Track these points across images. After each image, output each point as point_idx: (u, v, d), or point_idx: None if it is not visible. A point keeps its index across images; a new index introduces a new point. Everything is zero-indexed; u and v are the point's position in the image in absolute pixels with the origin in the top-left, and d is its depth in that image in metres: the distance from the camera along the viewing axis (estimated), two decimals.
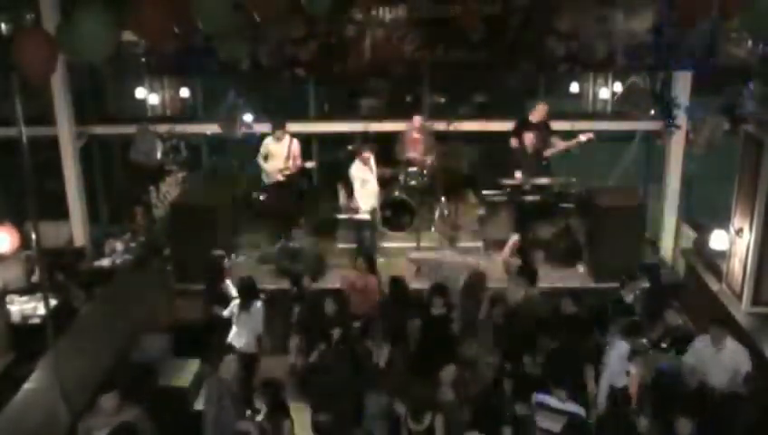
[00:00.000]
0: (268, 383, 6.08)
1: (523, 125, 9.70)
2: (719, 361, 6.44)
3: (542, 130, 9.79)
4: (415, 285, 8.45)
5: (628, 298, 7.44)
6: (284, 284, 8.42)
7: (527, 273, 7.70)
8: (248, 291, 7.39)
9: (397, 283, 7.56)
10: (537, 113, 9.74)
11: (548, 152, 9.78)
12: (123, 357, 7.20)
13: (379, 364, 6.62)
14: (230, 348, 6.78)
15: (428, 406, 5.77)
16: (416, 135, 9.83)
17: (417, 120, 9.88)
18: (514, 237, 8.22)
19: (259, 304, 7.33)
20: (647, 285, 8.67)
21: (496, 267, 8.87)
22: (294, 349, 7.51)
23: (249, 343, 7.21)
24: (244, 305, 7.27)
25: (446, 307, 7.24)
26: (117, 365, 6.96)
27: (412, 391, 5.96)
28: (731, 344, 6.46)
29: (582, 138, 9.58)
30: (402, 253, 9.43)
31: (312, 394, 6.65)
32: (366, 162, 9.20)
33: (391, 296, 7.49)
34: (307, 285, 8.07)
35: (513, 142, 9.42)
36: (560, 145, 9.79)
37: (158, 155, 9.42)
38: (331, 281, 8.92)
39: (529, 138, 9.44)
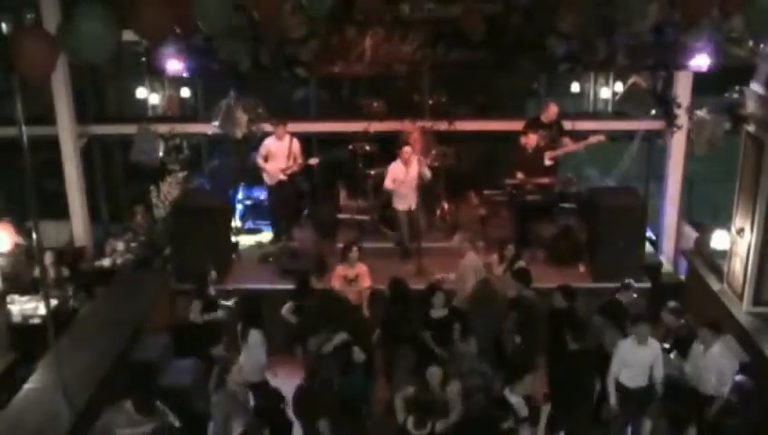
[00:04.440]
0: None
1: (533, 124, 9.72)
2: (705, 364, 6.39)
3: (553, 130, 9.81)
4: (415, 285, 8.46)
5: (625, 299, 7.42)
6: (285, 284, 8.40)
7: (522, 274, 7.67)
8: (248, 319, 6.97)
9: (397, 284, 7.55)
10: (548, 113, 9.75)
11: (556, 153, 9.78)
12: (123, 357, 7.19)
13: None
14: (235, 357, 6.61)
15: (431, 413, 5.77)
16: (415, 135, 9.82)
17: (416, 120, 9.88)
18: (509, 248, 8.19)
19: (257, 334, 6.85)
20: (647, 285, 8.68)
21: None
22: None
23: (253, 373, 6.67)
24: (243, 335, 6.84)
25: (446, 308, 7.22)
26: (117, 365, 6.96)
27: (415, 397, 5.95)
28: (717, 348, 6.37)
29: (593, 139, 9.59)
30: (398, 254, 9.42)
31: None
32: (407, 162, 8.99)
33: (392, 298, 7.47)
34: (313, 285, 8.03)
35: (524, 140, 9.44)
36: (569, 146, 9.79)
37: (160, 154, 9.42)
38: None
39: (531, 137, 9.45)
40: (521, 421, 5.80)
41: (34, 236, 6.34)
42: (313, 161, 10.04)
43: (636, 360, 6.44)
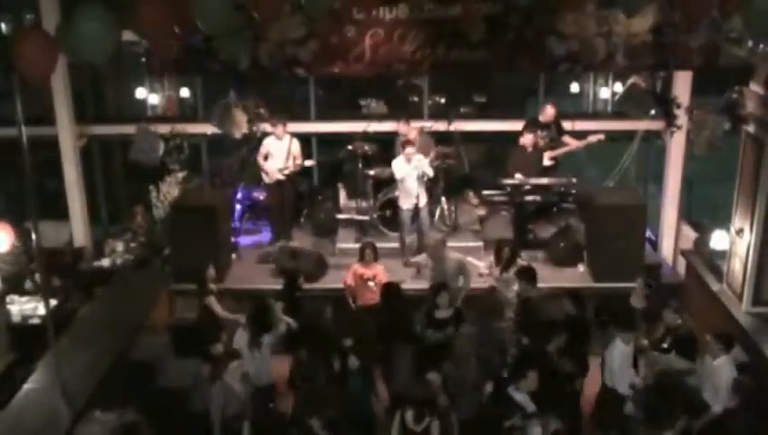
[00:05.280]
0: None
1: (532, 125, 9.73)
2: (706, 373, 6.39)
3: (552, 130, 9.82)
4: (414, 285, 8.46)
5: (637, 302, 7.41)
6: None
7: (527, 273, 7.66)
8: (259, 323, 6.83)
9: (390, 288, 7.53)
10: (546, 114, 9.77)
11: (556, 152, 9.79)
12: (123, 357, 7.19)
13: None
14: (235, 354, 6.56)
15: (430, 409, 5.78)
16: (412, 136, 9.82)
17: (413, 121, 9.88)
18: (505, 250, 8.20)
19: (268, 339, 6.80)
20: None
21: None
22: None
23: (265, 376, 6.75)
24: (254, 340, 6.73)
25: (451, 308, 7.21)
26: (117, 365, 6.95)
27: (415, 393, 5.95)
28: (720, 362, 6.30)
29: (592, 139, 9.60)
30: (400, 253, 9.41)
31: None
32: (409, 159, 8.86)
33: (385, 302, 7.46)
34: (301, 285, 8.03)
35: (521, 141, 9.44)
36: (571, 145, 9.79)
37: (160, 154, 9.42)
38: (331, 281, 8.92)
39: (528, 138, 9.46)
40: (528, 417, 5.80)
41: (34, 236, 6.33)
42: (309, 163, 10.05)
43: (626, 361, 6.52)
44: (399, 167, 8.94)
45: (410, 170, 8.86)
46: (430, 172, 9.07)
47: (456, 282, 7.80)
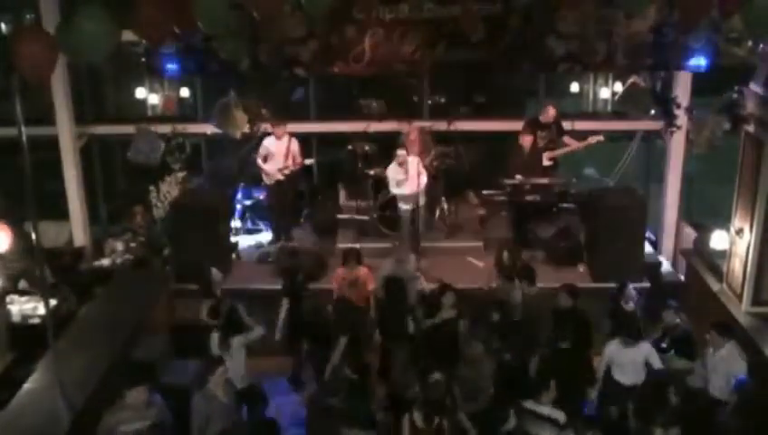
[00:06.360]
0: None
1: (532, 125, 9.74)
2: (714, 366, 6.42)
3: (552, 130, 9.83)
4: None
5: (628, 306, 7.42)
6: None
7: (526, 273, 7.66)
8: (230, 327, 6.84)
9: (393, 283, 7.54)
10: (546, 114, 9.78)
11: (555, 153, 9.79)
12: (123, 357, 7.19)
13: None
14: (220, 360, 6.45)
15: (438, 409, 5.78)
16: (413, 136, 9.83)
17: (414, 121, 9.90)
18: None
19: (240, 339, 6.75)
20: (647, 285, 8.68)
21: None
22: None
23: (239, 379, 6.67)
24: (224, 342, 6.69)
25: (455, 309, 7.20)
26: (116, 365, 6.95)
27: (425, 394, 5.95)
28: (726, 350, 6.37)
29: (592, 140, 9.61)
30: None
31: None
32: (402, 164, 9.05)
33: (387, 297, 7.46)
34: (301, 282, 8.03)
35: (522, 141, 9.45)
36: (570, 145, 9.80)
37: (160, 154, 9.41)
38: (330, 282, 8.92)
39: (526, 138, 9.47)
40: (563, 428, 5.73)
41: (33, 236, 6.33)
42: (309, 161, 10.06)
43: (626, 359, 6.56)
44: (393, 177, 9.01)
45: (406, 177, 8.91)
46: (424, 179, 9.07)
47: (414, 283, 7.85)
